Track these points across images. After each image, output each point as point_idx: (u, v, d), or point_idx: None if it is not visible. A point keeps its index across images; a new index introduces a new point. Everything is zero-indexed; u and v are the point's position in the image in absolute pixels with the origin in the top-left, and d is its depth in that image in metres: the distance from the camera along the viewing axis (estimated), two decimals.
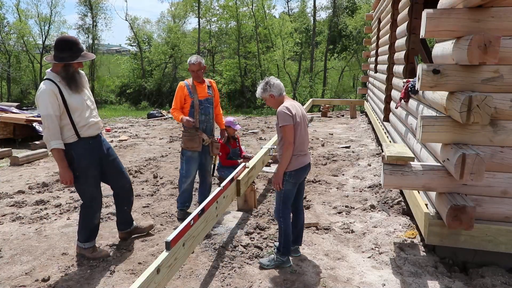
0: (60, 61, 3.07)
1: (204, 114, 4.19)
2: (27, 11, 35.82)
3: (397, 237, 3.62)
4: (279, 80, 3.20)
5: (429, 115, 2.96)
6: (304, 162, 3.14)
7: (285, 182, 3.09)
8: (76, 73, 3.15)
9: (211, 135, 4.29)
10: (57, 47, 3.07)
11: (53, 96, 3.03)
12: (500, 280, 2.81)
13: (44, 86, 3.05)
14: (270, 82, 3.15)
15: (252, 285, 2.91)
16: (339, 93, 32.28)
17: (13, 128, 9.10)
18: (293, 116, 3.00)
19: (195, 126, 4.13)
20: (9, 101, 27.45)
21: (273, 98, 3.15)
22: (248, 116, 16.40)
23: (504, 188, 2.92)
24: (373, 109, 9.96)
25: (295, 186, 3.17)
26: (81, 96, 3.21)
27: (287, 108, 3.02)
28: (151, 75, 33.24)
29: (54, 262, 3.33)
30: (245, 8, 31.45)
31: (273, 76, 3.26)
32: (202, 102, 4.16)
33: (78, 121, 3.16)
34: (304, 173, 3.20)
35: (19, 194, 5.15)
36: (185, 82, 4.21)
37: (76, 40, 3.16)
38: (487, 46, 2.51)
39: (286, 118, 2.98)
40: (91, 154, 3.27)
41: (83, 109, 3.19)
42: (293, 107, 3.05)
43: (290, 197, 3.17)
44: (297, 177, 3.13)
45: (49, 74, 3.13)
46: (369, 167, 6.01)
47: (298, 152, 3.07)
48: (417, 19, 5.46)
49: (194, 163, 4.25)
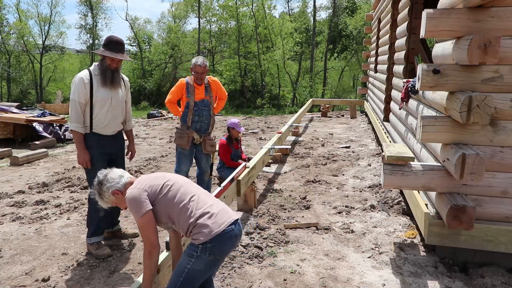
0: (99, 53, 3.33)
1: (198, 116, 4.21)
2: (27, 11, 35.85)
3: (397, 237, 3.62)
4: (114, 170, 2.31)
5: (429, 115, 2.96)
6: (222, 222, 2.07)
7: (196, 259, 2.05)
8: (109, 69, 3.32)
9: (205, 134, 4.29)
10: (103, 42, 3.35)
11: (82, 84, 3.25)
12: (500, 280, 2.81)
13: (80, 74, 3.33)
14: (100, 178, 2.26)
15: (252, 285, 2.91)
16: (339, 93, 32.29)
17: (13, 128, 9.10)
18: (147, 191, 2.11)
19: (186, 125, 4.17)
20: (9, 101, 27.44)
21: (121, 193, 2.23)
22: (248, 116, 16.42)
23: (504, 188, 2.92)
24: (373, 109, 9.96)
25: (210, 267, 2.12)
26: (110, 93, 3.36)
27: (138, 184, 2.16)
28: (151, 75, 33.23)
29: (54, 262, 3.33)
30: (245, 8, 31.45)
31: (103, 171, 2.32)
32: (198, 104, 4.17)
33: (96, 114, 3.33)
34: (230, 241, 2.09)
35: (19, 194, 5.14)
36: (186, 80, 4.22)
37: (118, 40, 3.40)
38: (487, 46, 2.51)
39: (139, 203, 2.07)
40: (99, 147, 3.40)
41: (104, 105, 3.34)
42: (143, 180, 2.18)
43: (195, 279, 2.10)
44: (218, 251, 2.07)
45: (92, 66, 3.40)
46: (369, 167, 6.01)
47: (199, 214, 2.07)
48: (417, 19, 5.46)
49: (185, 159, 4.31)
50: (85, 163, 3.34)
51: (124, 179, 2.26)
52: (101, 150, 3.42)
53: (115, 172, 2.29)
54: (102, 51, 3.29)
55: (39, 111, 10.75)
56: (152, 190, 2.13)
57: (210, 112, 4.29)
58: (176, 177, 2.26)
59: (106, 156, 3.47)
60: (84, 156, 3.33)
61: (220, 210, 2.14)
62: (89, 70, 3.35)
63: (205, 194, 2.24)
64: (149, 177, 2.22)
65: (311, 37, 32.75)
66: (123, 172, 2.31)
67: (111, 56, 3.27)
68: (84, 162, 3.34)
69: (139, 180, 2.21)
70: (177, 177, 2.28)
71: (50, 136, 8.97)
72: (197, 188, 2.26)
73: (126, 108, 3.62)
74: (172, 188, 2.15)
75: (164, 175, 2.25)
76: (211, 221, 2.06)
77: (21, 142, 9.13)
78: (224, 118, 14.05)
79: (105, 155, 3.46)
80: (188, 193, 2.15)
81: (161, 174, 2.27)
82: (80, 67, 39.34)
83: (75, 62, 40.68)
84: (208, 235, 2.02)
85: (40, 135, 8.89)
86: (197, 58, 4.10)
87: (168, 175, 2.26)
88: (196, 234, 2.05)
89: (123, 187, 2.23)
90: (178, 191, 2.14)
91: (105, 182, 2.23)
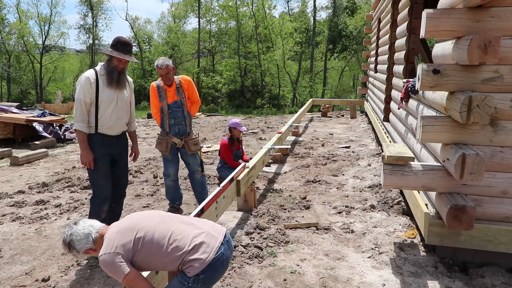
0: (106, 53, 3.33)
1: (173, 118, 4.16)
2: (27, 11, 35.87)
3: (397, 237, 3.62)
4: (77, 225, 2.12)
5: (429, 115, 2.96)
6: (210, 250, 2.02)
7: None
8: (115, 69, 3.34)
9: (185, 135, 4.24)
10: (111, 43, 3.36)
11: (88, 84, 3.26)
12: (500, 280, 2.81)
13: (85, 73, 3.33)
14: (68, 240, 2.10)
15: (252, 285, 2.91)
16: (339, 93, 32.30)
17: (13, 128, 9.10)
18: (120, 253, 1.97)
19: (165, 131, 4.17)
20: (9, 101, 27.46)
21: (93, 250, 2.11)
22: (248, 116, 16.42)
23: (504, 188, 2.92)
24: (373, 109, 9.96)
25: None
26: (116, 93, 3.38)
27: (107, 247, 1.99)
28: (151, 75, 33.24)
29: (54, 262, 3.33)
30: (245, 8, 31.46)
31: (67, 226, 2.18)
32: (171, 106, 4.13)
33: (101, 114, 3.33)
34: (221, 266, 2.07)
35: (19, 194, 5.15)
36: (156, 83, 4.15)
37: (126, 41, 3.42)
38: (487, 46, 2.51)
39: (115, 269, 1.95)
40: (103, 147, 3.40)
41: (109, 105, 3.35)
42: (113, 238, 2.02)
43: None
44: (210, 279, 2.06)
45: (98, 66, 3.41)
46: (369, 167, 6.01)
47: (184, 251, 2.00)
48: (417, 19, 5.46)
49: (169, 162, 4.30)
50: (89, 163, 3.33)
51: (93, 235, 2.09)
52: (105, 150, 3.42)
53: (81, 231, 2.09)
54: (110, 51, 3.29)
55: (39, 111, 10.76)
56: (126, 249, 1.99)
57: (184, 113, 4.20)
58: (145, 222, 2.08)
59: (110, 157, 3.49)
60: (88, 156, 3.32)
61: (205, 236, 2.06)
62: (95, 69, 3.35)
63: (184, 223, 2.12)
64: (118, 232, 2.04)
65: (311, 37, 32.76)
66: (90, 227, 2.11)
67: (119, 57, 3.28)
68: (88, 162, 3.32)
69: (109, 238, 2.03)
70: (147, 220, 2.10)
71: (50, 136, 8.97)
72: (172, 220, 2.13)
73: (130, 109, 3.65)
74: (145, 239, 2.01)
75: (132, 226, 2.06)
76: (199, 254, 1.99)
77: (21, 142, 9.14)
78: (224, 118, 14.05)
79: (109, 156, 3.47)
80: (164, 235, 2.03)
81: (129, 223, 2.09)
82: (80, 67, 39.40)
83: (75, 62, 40.71)
84: (199, 268, 1.98)
85: (40, 135, 8.89)
86: (157, 61, 4.00)
87: (136, 222, 2.08)
88: (187, 269, 2.00)
89: (94, 244, 2.09)
90: (153, 240, 2.01)
91: (72, 244, 2.09)
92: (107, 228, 2.15)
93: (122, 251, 1.98)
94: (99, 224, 2.18)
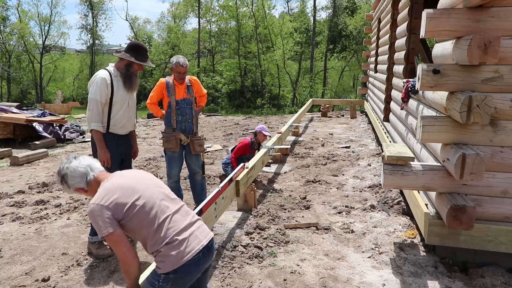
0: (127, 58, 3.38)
1: (181, 115, 4.17)
2: (27, 11, 35.88)
3: (397, 237, 3.62)
4: (76, 161, 2.08)
5: (429, 115, 2.96)
6: (189, 251, 1.92)
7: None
8: (134, 74, 3.45)
9: (191, 134, 4.26)
10: (129, 47, 3.41)
11: (104, 85, 3.31)
12: (500, 280, 2.81)
13: (100, 74, 3.36)
14: (62, 173, 2.05)
15: (252, 285, 2.91)
16: (339, 93, 32.29)
17: (13, 128, 9.10)
18: (111, 209, 1.88)
19: (172, 127, 4.16)
20: (9, 101, 27.46)
21: (84, 190, 2.08)
22: (248, 116, 16.41)
23: (504, 188, 2.92)
24: (373, 109, 9.96)
25: None
26: (128, 94, 3.48)
27: (102, 198, 1.91)
28: (151, 75, 33.25)
29: (54, 262, 3.33)
30: (245, 8, 31.47)
31: (66, 158, 2.12)
32: (179, 102, 4.14)
33: (114, 114, 3.41)
34: (196, 271, 1.96)
35: (19, 194, 5.15)
36: (166, 79, 4.18)
37: (145, 46, 3.53)
38: (487, 46, 2.51)
39: (99, 225, 1.86)
40: (115, 146, 3.47)
41: (122, 106, 3.44)
42: (111, 190, 1.94)
43: None
44: (181, 282, 1.94)
45: (110, 67, 3.45)
46: (369, 167, 6.01)
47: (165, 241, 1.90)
48: (417, 19, 5.46)
49: (175, 162, 4.28)
50: (107, 161, 3.39)
51: (89, 176, 2.04)
52: (117, 149, 3.50)
53: (78, 168, 2.04)
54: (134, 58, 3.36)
55: (39, 111, 10.75)
56: (119, 208, 1.89)
57: (192, 111, 4.23)
58: (149, 193, 1.99)
59: (121, 156, 3.57)
60: (105, 155, 3.39)
61: (190, 235, 1.95)
62: (108, 70, 3.41)
63: (181, 213, 2.03)
64: (118, 187, 1.95)
65: (311, 37, 32.76)
66: (88, 167, 2.06)
67: (143, 64, 3.41)
68: (106, 161, 3.39)
69: (107, 189, 1.95)
70: (151, 192, 2.00)
71: (50, 136, 8.97)
72: (174, 204, 2.05)
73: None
74: (142, 209, 1.92)
75: (135, 188, 1.98)
76: (175, 251, 1.88)
77: (21, 142, 9.13)
78: (224, 118, 14.05)
79: (120, 155, 3.56)
80: (160, 217, 1.93)
81: (134, 183, 2.01)
82: (80, 67, 39.41)
83: (75, 62, 40.72)
84: (170, 267, 1.88)
85: (40, 135, 8.89)
86: (177, 58, 4.02)
87: (140, 188, 1.99)
88: (159, 262, 1.91)
89: (86, 185, 2.05)
90: (149, 215, 1.92)
91: (66, 178, 2.04)
92: (106, 174, 2.08)
93: (114, 209, 1.89)
94: (98, 167, 2.11)
